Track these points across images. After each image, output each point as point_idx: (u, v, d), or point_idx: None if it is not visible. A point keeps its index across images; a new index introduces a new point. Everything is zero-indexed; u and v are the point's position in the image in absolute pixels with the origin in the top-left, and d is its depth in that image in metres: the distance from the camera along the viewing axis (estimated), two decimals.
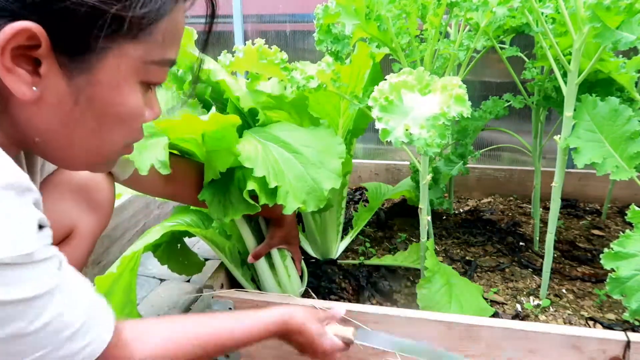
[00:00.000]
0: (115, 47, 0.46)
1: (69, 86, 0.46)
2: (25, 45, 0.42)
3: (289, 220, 1.01)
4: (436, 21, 0.86)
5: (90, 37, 0.44)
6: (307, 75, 0.86)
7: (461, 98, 0.67)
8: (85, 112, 0.48)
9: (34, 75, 0.44)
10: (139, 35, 0.47)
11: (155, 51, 0.49)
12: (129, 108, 0.50)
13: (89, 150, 0.52)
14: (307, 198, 0.82)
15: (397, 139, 0.63)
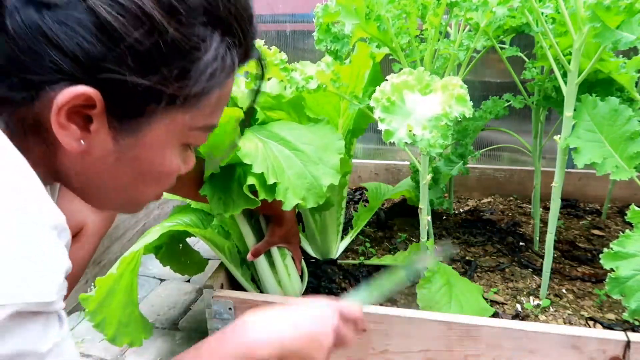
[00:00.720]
0: (165, 115, 0.48)
1: (114, 145, 0.47)
2: (81, 105, 0.44)
3: (288, 218, 1.01)
4: (436, 21, 0.86)
5: (143, 107, 0.46)
6: (307, 75, 0.86)
7: (463, 98, 0.67)
8: (125, 168, 0.50)
9: (84, 131, 0.45)
10: (189, 106, 0.49)
11: (202, 118, 0.51)
12: (168, 168, 0.53)
13: (122, 199, 0.54)
14: (307, 194, 0.83)
15: (400, 139, 0.63)
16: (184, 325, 1.23)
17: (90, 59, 0.43)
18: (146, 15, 0.43)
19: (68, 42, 0.42)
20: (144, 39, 0.43)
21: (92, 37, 0.42)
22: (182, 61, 0.46)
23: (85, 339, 1.22)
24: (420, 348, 0.86)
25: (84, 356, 1.17)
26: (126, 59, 0.43)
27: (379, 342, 0.88)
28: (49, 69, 0.42)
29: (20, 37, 0.41)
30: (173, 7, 0.44)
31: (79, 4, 0.42)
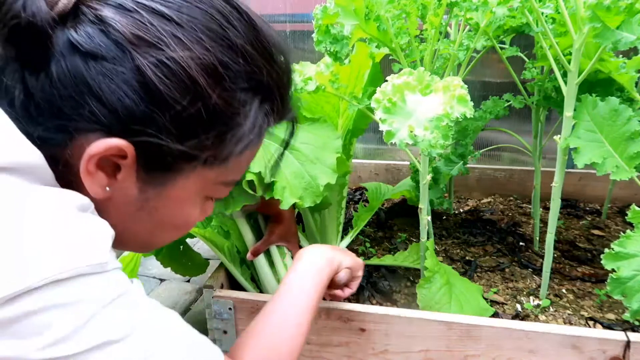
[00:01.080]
0: (193, 172, 0.48)
1: (139, 194, 0.48)
2: (113, 155, 0.44)
3: (287, 216, 1.01)
4: (436, 21, 0.86)
5: (174, 163, 0.47)
6: (305, 77, 0.86)
7: (464, 98, 0.67)
8: (146, 216, 0.50)
9: (111, 178, 0.46)
10: (218, 165, 0.50)
11: (228, 175, 0.52)
12: (189, 219, 0.53)
13: (139, 242, 0.55)
14: (304, 194, 0.84)
15: (402, 140, 0.63)
16: None
17: (130, 115, 0.43)
18: (191, 80, 0.43)
19: (110, 96, 0.42)
20: (187, 104, 0.43)
21: (134, 95, 0.42)
22: (221, 127, 0.47)
23: None
24: (420, 348, 0.86)
25: None
26: (166, 122, 0.43)
27: (379, 342, 0.88)
28: (86, 118, 0.42)
29: (63, 83, 0.42)
30: (218, 73, 0.45)
31: (126, 60, 0.42)
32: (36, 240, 0.37)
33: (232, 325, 0.94)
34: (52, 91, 0.42)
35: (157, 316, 0.46)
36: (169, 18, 0.43)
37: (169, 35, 0.43)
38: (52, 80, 0.42)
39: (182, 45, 0.43)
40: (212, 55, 0.44)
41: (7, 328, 0.36)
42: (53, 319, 0.37)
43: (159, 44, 0.42)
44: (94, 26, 0.42)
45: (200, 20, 0.44)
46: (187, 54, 0.43)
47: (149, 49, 0.42)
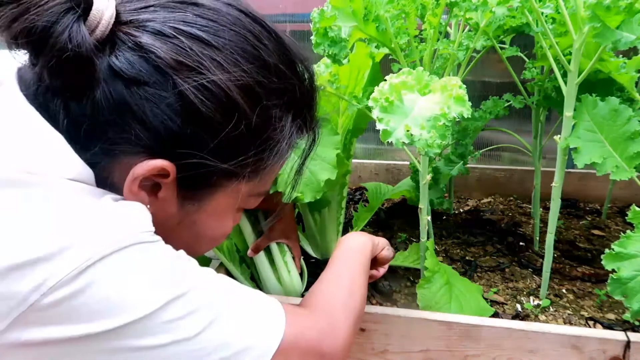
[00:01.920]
0: (230, 186, 0.51)
1: (178, 210, 0.50)
2: (155, 175, 0.46)
3: (287, 213, 1.01)
4: (435, 21, 0.86)
5: (213, 180, 0.49)
6: None
7: (461, 98, 0.67)
8: (186, 230, 0.52)
9: (151, 196, 0.48)
10: (253, 178, 0.52)
11: (260, 187, 0.55)
12: (223, 231, 0.56)
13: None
14: (305, 189, 0.86)
15: (398, 139, 0.63)
16: None
17: (173, 138, 0.44)
18: (232, 101, 0.45)
19: (153, 119, 0.44)
20: (228, 125, 0.45)
21: (177, 118, 0.44)
22: (260, 143, 0.49)
23: None
24: (420, 348, 0.86)
25: None
26: (209, 143, 0.45)
27: (379, 342, 0.88)
28: (131, 142, 0.44)
29: (107, 108, 0.43)
30: (255, 93, 0.47)
31: (168, 85, 0.44)
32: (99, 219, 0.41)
33: None
34: (96, 117, 0.44)
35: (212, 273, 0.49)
36: (207, 42, 0.45)
37: (208, 60, 0.44)
38: (96, 106, 0.43)
39: (221, 69, 0.45)
40: (249, 76, 0.46)
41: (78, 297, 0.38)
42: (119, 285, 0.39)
43: (199, 69, 0.44)
44: (133, 53, 0.44)
45: (236, 42, 0.46)
46: (226, 76, 0.45)
47: (190, 73, 0.44)
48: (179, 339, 0.42)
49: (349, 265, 0.73)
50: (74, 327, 0.38)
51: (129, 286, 0.40)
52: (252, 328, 0.48)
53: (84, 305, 0.38)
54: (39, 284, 0.37)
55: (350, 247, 0.77)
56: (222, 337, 0.45)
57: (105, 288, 0.39)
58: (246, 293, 0.50)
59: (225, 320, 0.46)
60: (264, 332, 0.49)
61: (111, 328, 0.39)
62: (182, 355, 0.42)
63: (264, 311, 0.51)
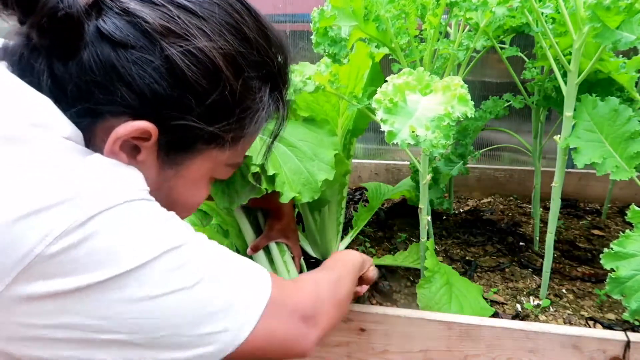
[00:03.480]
0: (208, 153, 0.53)
1: (157, 174, 0.51)
2: (136, 137, 0.47)
3: (286, 212, 1.01)
4: (435, 21, 0.86)
5: (194, 144, 0.51)
6: (305, 77, 0.87)
7: (464, 98, 0.67)
8: (163, 196, 0.52)
9: (131, 159, 0.49)
10: (231, 147, 0.55)
11: (234, 157, 0.57)
12: (196, 199, 0.57)
13: None
14: (303, 189, 0.86)
15: (404, 140, 0.63)
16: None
17: (158, 100, 0.46)
18: (216, 68, 0.48)
19: (139, 82, 0.45)
20: (212, 90, 0.48)
21: (163, 81, 0.46)
22: (241, 110, 0.52)
23: None
24: (420, 348, 0.86)
25: None
26: (193, 105, 0.48)
27: (379, 342, 0.88)
28: (116, 103, 0.46)
29: (93, 70, 0.45)
30: (237, 62, 0.50)
31: (155, 49, 0.46)
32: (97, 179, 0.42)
33: None
34: (82, 78, 0.45)
35: (205, 238, 0.50)
36: (194, 12, 0.48)
37: (194, 28, 0.47)
38: (82, 68, 0.45)
39: (206, 37, 0.47)
40: (232, 47, 0.49)
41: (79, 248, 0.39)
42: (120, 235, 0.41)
43: (185, 36, 0.46)
44: (120, 17, 0.46)
45: (220, 15, 0.49)
46: (210, 44, 0.47)
47: (177, 39, 0.46)
48: (178, 288, 0.43)
49: (339, 267, 0.76)
50: (76, 278, 0.39)
51: (129, 237, 0.41)
52: (245, 283, 0.50)
53: (86, 255, 0.39)
54: (44, 234, 0.37)
55: (343, 256, 0.81)
56: (220, 289, 0.47)
57: (107, 238, 0.40)
58: (235, 255, 0.52)
59: (221, 273, 0.48)
60: (256, 287, 0.51)
61: (112, 276, 0.40)
62: (182, 306, 0.44)
63: (253, 270, 0.53)
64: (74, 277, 0.39)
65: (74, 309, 0.39)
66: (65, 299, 0.39)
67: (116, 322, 0.41)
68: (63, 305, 0.39)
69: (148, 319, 0.42)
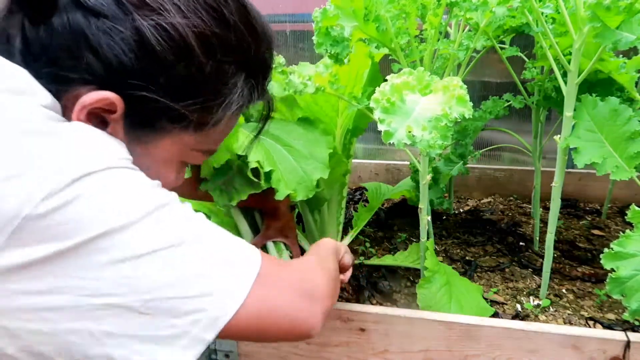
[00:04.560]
0: (176, 134, 0.53)
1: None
2: (102, 108, 0.47)
3: (284, 211, 1.01)
4: (436, 21, 0.86)
5: (159, 123, 0.51)
6: (305, 78, 0.87)
7: (463, 99, 0.67)
8: None
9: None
10: (199, 131, 0.54)
11: (206, 143, 0.57)
12: (167, 180, 0.56)
13: None
14: (298, 187, 0.86)
15: (400, 140, 0.63)
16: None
17: (125, 71, 0.46)
18: (186, 45, 0.47)
19: (107, 51, 0.45)
20: (181, 67, 0.48)
21: (131, 53, 0.46)
22: (209, 92, 0.51)
23: None
24: (420, 348, 0.86)
25: None
26: (159, 80, 0.47)
27: (379, 342, 0.88)
28: (82, 70, 0.46)
29: (63, 35, 0.45)
30: (211, 43, 0.49)
31: (126, 20, 0.46)
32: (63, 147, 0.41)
33: None
34: (51, 42, 0.45)
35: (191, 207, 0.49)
36: None
37: (169, 3, 0.47)
38: (52, 32, 0.45)
39: (180, 14, 0.47)
40: (207, 26, 0.48)
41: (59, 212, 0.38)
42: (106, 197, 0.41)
43: (159, 10, 0.46)
44: None
45: None
46: (184, 21, 0.47)
47: (150, 13, 0.46)
48: (165, 246, 0.43)
49: (318, 250, 0.75)
50: (64, 240, 0.39)
51: (115, 198, 0.41)
52: (234, 251, 0.49)
53: (73, 217, 0.39)
54: (28, 196, 0.37)
55: (318, 244, 0.79)
56: (208, 252, 0.46)
57: (92, 200, 0.40)
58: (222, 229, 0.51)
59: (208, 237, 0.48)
60: (245, 256, 0.50)
61: (99, 235, 0.40)
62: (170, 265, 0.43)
63: (242, 243, 0.52)
64: (62, 240, 0.38)
65: (65, 271, 0.39)
66: (55, 263, 0.39)
67: (107, 282, 0.40)
68: (54, 268, 0.39)
69: (138, 279, 0.41)
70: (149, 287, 0.42)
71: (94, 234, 0.39)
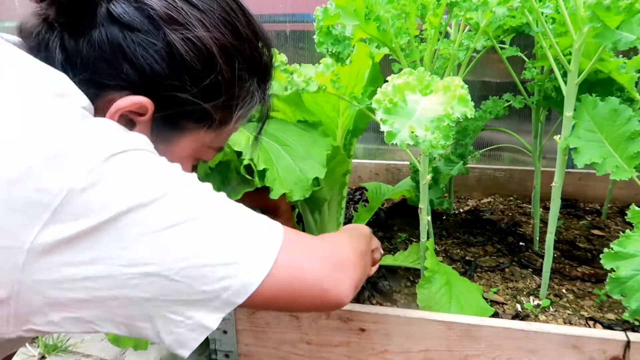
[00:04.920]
0: (196, 132, 0.59)
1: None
2: (133, 111, 0.53)
3: (284, 210, 1.01)
4: (436, 21, 0.86)
5: (184, 122, 0.57)
6: (307, 78, 0.87)
7: (464, 99, 0.67)
8: None
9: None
10: (217, 129, 0.60)
11: (219, 140, 0.63)
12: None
13: None
14: (294, 187, 0.87)
15: (403, 141, 0.63)
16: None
17: (156, 78, 0.52)
18: (211, 55, 0.54)
19: (142, 61, 0.51)
20: (206, 73, 0.54)
21: (162, 62, 0.52)
22: (229, 96, 0.58)
23: (85, 339, 1.22)
24: (420, 348, 0.86)
25: (83, 356, 1.17)
26: (187, 85, 0.54)
27: (379, 342, 0.88)
28: (118, 78, 0.52)
29: (101, 47, 0.51)
30: (230, 53, 0.56)
31: (158, 34, 0.52)
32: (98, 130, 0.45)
33: (232, 325, 0.94)
34: (90, 53, 0.51)
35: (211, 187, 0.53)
36: (195, 5, 0.54)
37: (195, 19, 0.53)
38: (92, 45, 0.51)
39: (204, 28, 0.54)
40: (227, 39, 0.56)
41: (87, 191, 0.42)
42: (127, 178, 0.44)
43: (186, 25, 0.53)
44: (129, 3, 0.52)
45: (218, 11, 0.56)
46: (207, 34, 0.54)
47: (179, 27, 0.52)
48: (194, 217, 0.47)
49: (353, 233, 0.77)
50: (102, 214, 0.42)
51: (145, 175, 0.45)
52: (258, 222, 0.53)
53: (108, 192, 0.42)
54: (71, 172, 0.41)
55: (355, 227, 0.84)
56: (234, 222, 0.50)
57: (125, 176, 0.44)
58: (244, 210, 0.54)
59: (232, 209, 0.51)
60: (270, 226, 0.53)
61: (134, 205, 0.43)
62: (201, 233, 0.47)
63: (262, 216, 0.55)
64: (100, 214, 0.42)
65: (103, 244, 0.42)
66: (94, 236, 0.42)
67: (141, 253, 0.44)
68: (93, 241, 0.42)
69: (169, 249, 0.45)
70: (180, 256, 0.45)
71: (126, 207, 0.43)
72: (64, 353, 1.20)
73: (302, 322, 0.91)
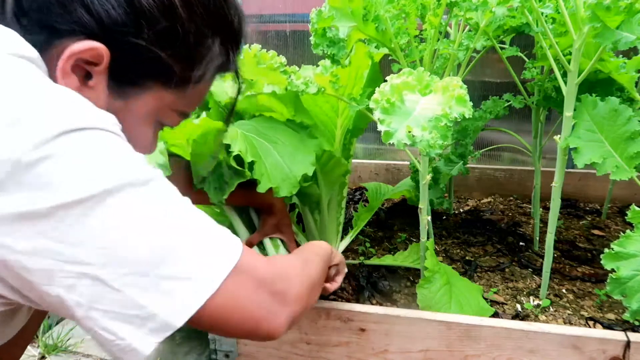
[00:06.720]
0: (156, 90, 0.56)
1: (107, 104, 0.52)
2: (87, 60, 0.50)
3: (279, 208, 1.01)
4: (436, 21, 0.86)
5: (142, 75, 0.54)
6: (306, 79, 0.87)
7: (462, 99, 0.67)
8: None
9: (82, 85, 0.51)
10: (178, 89, 0.57)
11: (182, 103, 0.59)
12: (141, 139, 0.58)
13: None
14: (282, 184, 0.87)
15: (400, 141, 0.63)
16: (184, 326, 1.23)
17: (114, 24, 0.50)
18: (172, 4, 0.52)
19: (98, 7, 0.49)
20: (164, 20, 0.52)
21: (120, 9, 0.50)
22: (188, 49, 0.55)
23: (85, 339, 1.22)
24: (420, 348, 0.86)
25: (83, 356, 1.17)
26: (145, 31, 0.51)
27: (379, 342, 0.88)
28: (73, 23, 0.49)
29: None
30: (192, 5, 0.54)
31: None
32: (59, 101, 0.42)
33: None
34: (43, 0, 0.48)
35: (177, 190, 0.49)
36: None
37: None
38: None
39: None
40: None
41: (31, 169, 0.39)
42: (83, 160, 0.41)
43: None
44: None
45: None
46: None
47: None
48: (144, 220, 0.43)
49: (308, 251, 0.76)
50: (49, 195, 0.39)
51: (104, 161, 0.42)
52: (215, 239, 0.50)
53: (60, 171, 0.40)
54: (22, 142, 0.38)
55: (312, 244, 0.80)
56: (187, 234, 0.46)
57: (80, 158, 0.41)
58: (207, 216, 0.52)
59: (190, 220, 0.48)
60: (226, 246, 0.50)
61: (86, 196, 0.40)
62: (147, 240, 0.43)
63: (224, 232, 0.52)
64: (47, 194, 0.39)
65: (47, 232, 0.39)
66: (38, 220, 0.39)
67: (85, 250, 0.40)
68: (36, 226, 0.39)
69: (116, 251, 0.41)
70: (127, 260, 0.42)
71: (72, 199, 0.40)
72: (64, 353, 1.20)
73: (302, 322, 0.91)
